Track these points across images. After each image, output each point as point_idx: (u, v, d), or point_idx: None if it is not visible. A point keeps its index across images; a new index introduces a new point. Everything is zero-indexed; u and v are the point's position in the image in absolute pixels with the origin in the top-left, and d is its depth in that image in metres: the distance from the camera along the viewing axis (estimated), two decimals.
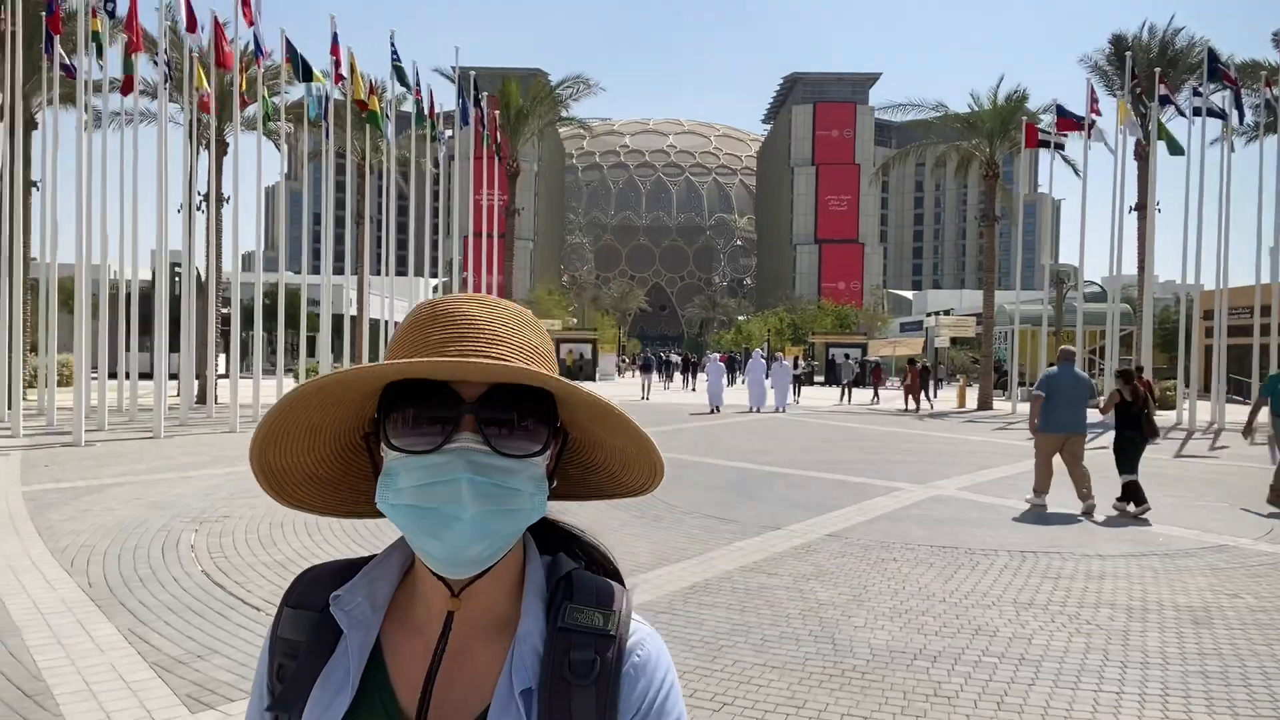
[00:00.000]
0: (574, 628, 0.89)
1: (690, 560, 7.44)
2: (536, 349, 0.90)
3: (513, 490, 0.85)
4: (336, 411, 0.93)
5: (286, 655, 0.95)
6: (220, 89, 23.88)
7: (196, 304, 23.76)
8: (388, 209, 26.67)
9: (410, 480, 0.85)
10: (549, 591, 0.93)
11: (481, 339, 0.86)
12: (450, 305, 0.90)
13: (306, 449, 0.95)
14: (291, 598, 0.98)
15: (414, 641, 0.92)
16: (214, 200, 25.68)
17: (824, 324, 61.91)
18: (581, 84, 31.30)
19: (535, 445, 0.87)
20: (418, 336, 0.88)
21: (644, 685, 0.90)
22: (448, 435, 0.84)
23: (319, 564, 1.02)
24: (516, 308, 0.93)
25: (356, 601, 0.93)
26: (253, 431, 0.91)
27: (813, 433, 20.00)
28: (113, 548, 7.74)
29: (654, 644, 0.93)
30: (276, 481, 0.96)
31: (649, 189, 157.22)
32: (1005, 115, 30.28)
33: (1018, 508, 10.18)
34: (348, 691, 0.89)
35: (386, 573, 0.96)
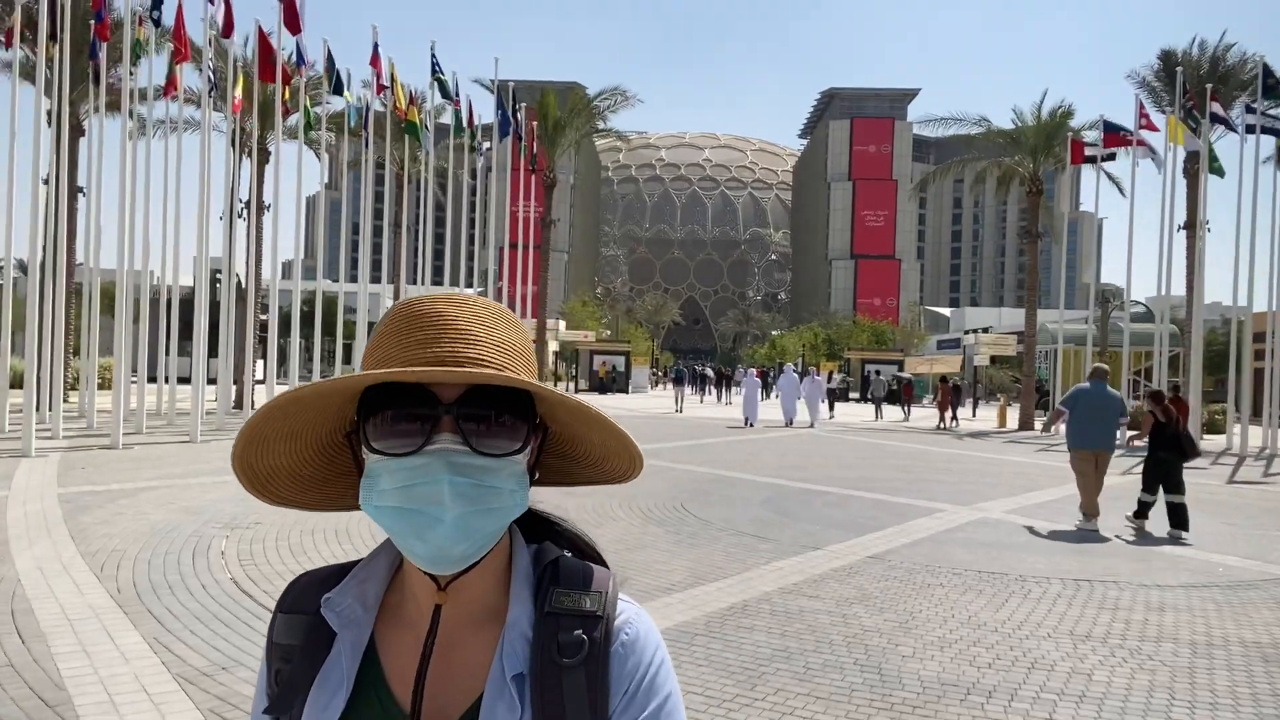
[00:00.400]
0: (561, 611, 0.90)
1: (728, 580, 7.21)
2: (514, 346, 0.91)
3: (493, 489, 0.86)
4: (317, 417, 0.93)
5: (283, 660, 0.96)
6: (263, 98, 24.17)
7: (236, 310, 24.02)
8: (425, 219, 26.84)
9: (392, 482, 0.86)
10: (536, 578, 0.94)
11: (459, 340, 0.87)
12: (426, 306, 0.90)
13: (288, 451, 0.96)
14: (284, 604, 0.99)
15: (405, 637, 0.93)
16: (255, 208, 25.95)
17: (860, 340, 61.26)
18: (619, 96, 31.28)
19: (515, 443, 0.88)
20: (395, 339, 0.89)
21: (634, 663, 0.90)
22: (427, 437, 0.85)
23: (311, 570, 1.03)
24: (494, 305, 0.93)
25: (347, 602, 0.94)
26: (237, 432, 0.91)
27: (849, 450, 19.63)
28: (143, 552, 7.67)
29: (642, 622, 0.94)
30: (260, 482, 0.96)
31: (684, 202, 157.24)
32: (1050, 131, 29.77)
33: (1068, 532, 9.81)
34: (343, 690, 0.90)
35: (375, 573, 0.97)
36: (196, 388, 17.39)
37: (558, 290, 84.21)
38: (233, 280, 23.40)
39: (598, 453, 1.00)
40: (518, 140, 27.88)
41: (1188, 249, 27.14)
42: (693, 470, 14.41)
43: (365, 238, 24.36)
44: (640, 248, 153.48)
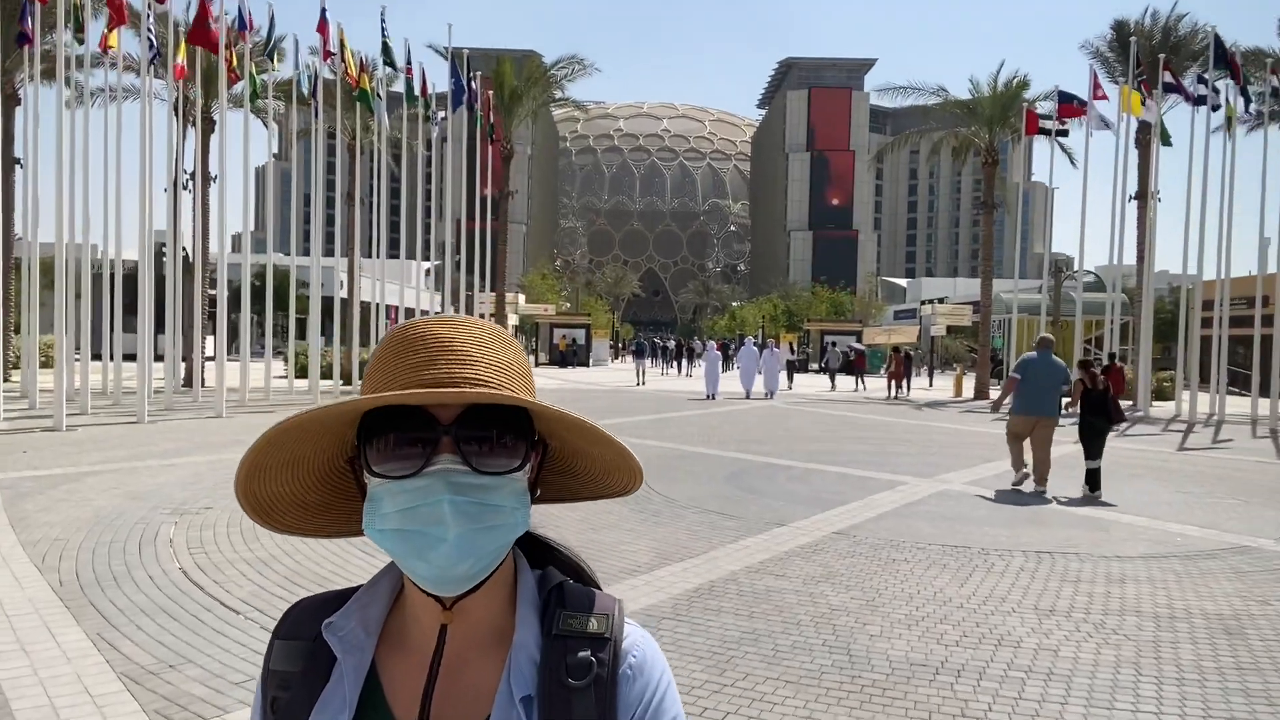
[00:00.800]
0: (569, 633, 0.90)
1: (693, 560, 7.12)
2: (511, 366, 0.91)
3: (495, 507, 0.86)
4: (317, 443, 0.93)
5: (280, 688, 0.94)
6: (207, 65, 23.32)
7: (183, 285, 23.31)
8: (379, 190, 26.18)
9: (394, 505, 0.86)
10: (542, 601, 0.94)
11: (455, 361, 0.87)
12: (422, 329, 0.90)
13: (290, 479, 0.96)
14: (282, 630, 0.98)
15: (409, 660, 0.92)
16: (201, 179, 25.13)
17: (819, 311, 61.62)
18: (576, 64, 30.74)
19: (514, 461, 0.88)
20: (393, 363, 0.89)
21: (641, 686, 0.90)
22: (427, 458, 0.85)
23: (307, 596, 1.02)
24: (490, 325, 0.93)
25: (350, 626, 0.93)
26: (239, 461, 0.91)
27: (810, 422, 19.70)
28: (87, 542, 7.38)
29: (649, 646, 0.94)
30: (264, 511, 0.97)
31: (643, 173, 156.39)
32: (1005, 101, 29.91)
33: (1027, 504, 9.90)
34: (345, 716, 0.88)
35: (377, 597, 0.97)
36: (143, 366, 16.85)
37: (516, 263, 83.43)
38: (179, 254, 22.71)
39: (598, 468, 1.01)
40: (472, 109, 27.27)
41: (1139, 218, 27.58)
42: (656, 446, 14.32)
43: (317, 210, 23.73)
44: (599, 219, 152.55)
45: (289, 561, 6.89)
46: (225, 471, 10.85)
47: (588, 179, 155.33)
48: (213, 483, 10.10)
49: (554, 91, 31.76)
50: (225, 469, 11.05)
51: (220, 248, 21.36)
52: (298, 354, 27.03)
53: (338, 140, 29.18)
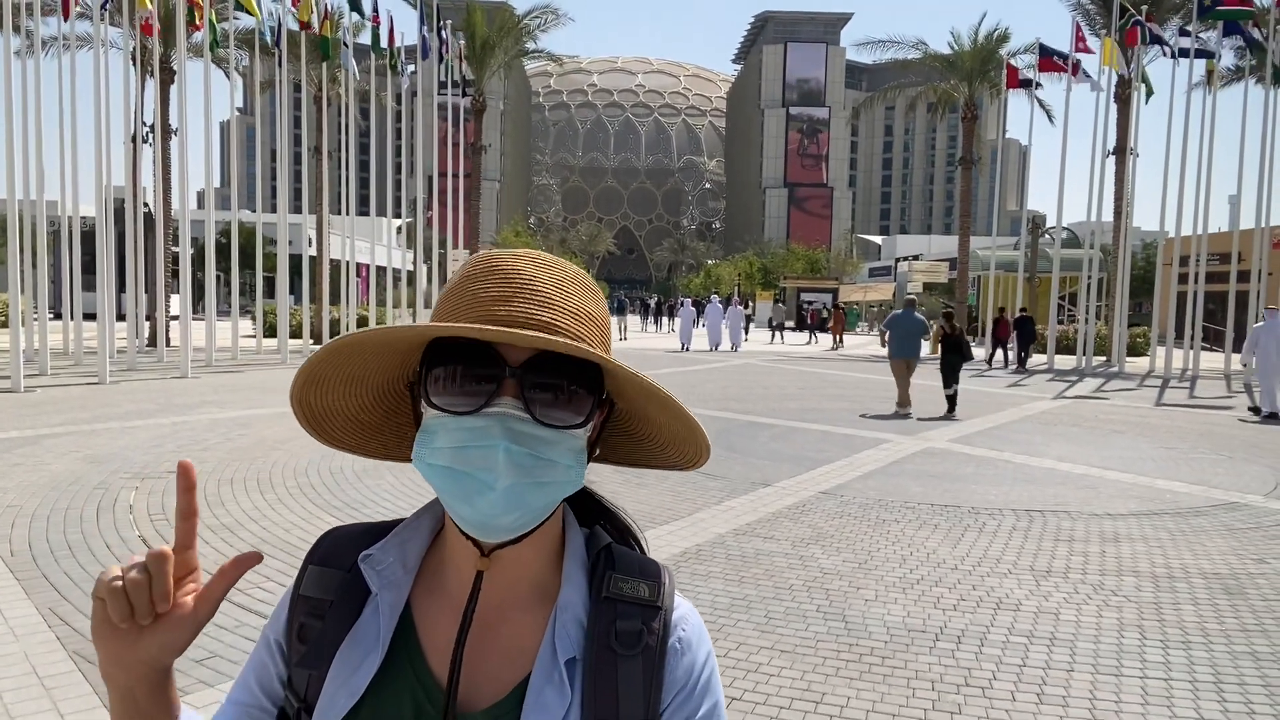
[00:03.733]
0: (620, 597, 0.87)
1: (679, 522, 6.90)
2: (591, 316, 0.87)
3: (550, 462, 0.81)
4: (377, 363, 0.89)
5: (310, 614, 0.90)
6: (165, 11, 22.38)
7: (145, 242, 22.59)
8: (348, 145, 25.41)
9: (448, 441, 0.82)
10: (590, 562, 0.90)
11: (533, 300, 0.83)
12: (505, 262, 0.86)
13: (346, 394, 0.92)
14: (316, 555, 0.94)
15: (444, 605, 0.89)
16: (160, 132, 24.27)
17: (795, 268, 61.41)
18: (549, 14, 29.89)
19: (578, 416, 0.83)
20: (467, 292, 0.85)
21: (688, 662, 0.87)
22: (489, 398, 0.81)
23: (344, 524, 0.98)
24: (574, 269, 0.89)
25: (389, 561, 0.90)
26: (295, 372, 0.86)
27: (787, 379, 19.54)
28: (42, 509, 7.01)
29: (696, 620, 0.91)
30: (317, 423, 0.93)
31: (617, 130, 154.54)
32: (985, 55, 29.59)
33: (1014, 460, 9.77)
34: (378, 653, 0.85)
35: (418, 533, 0.93)
36: (103, 325, 16.29)
37: (490, 220, 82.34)
38: (139, 209, 21.97)
39: (664, 436, 0.95)
40: (443, 59, 26.46)
41: (1116, 174, 27.43)
42: None
43: (284, 165, 22.99)
44: (573, 176, 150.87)
45: (254, 528, 6.59)
46: (189, 434, 10.47)
47: (561, 135, 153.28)
48: (176, 445, 9.74)
49: (527, 42, 30.92)
50: (190, 431, 10.67)
51: (182, 203, 20.65)
52: (266, 313, 26.39)
53: (304, 92, 28.26)
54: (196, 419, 11.67)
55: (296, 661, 0.90)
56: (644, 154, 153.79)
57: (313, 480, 8.16)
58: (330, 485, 7.99)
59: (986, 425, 12.57)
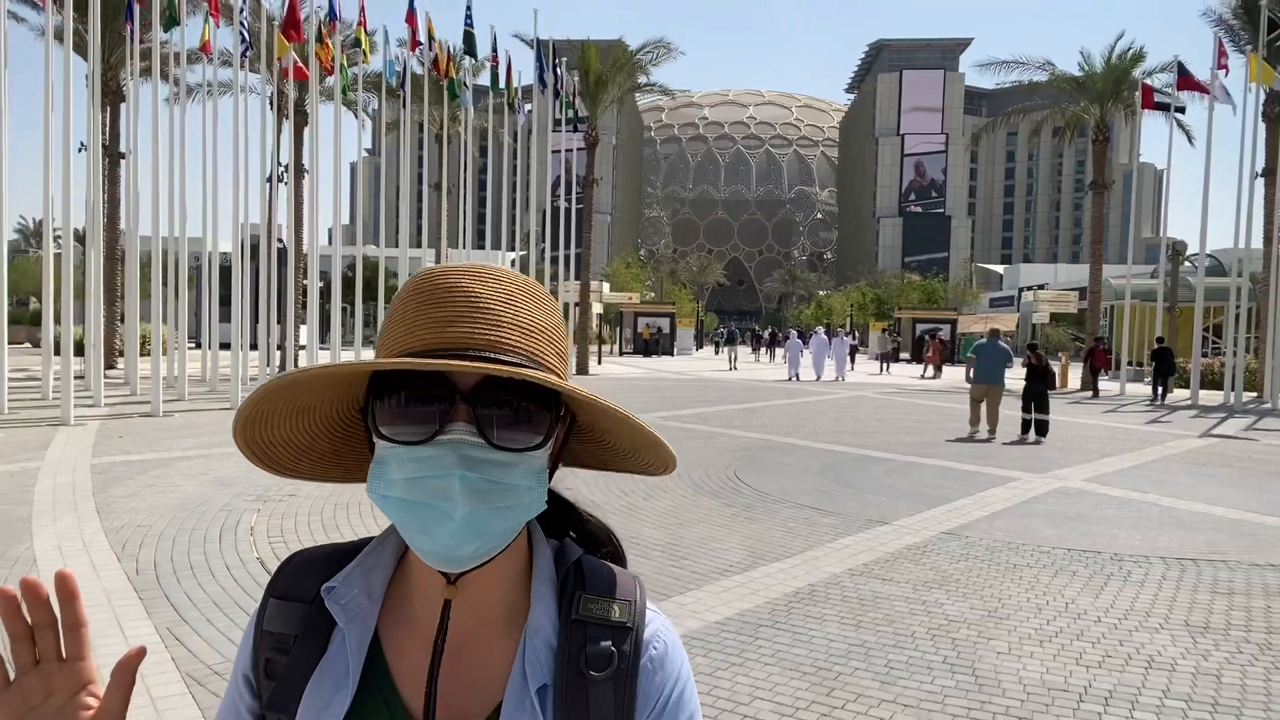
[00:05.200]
0: (589, 619, 0.85)
1: (790, 560, 6.59)
2: (544, 330, 0.83)
3: (509, 486, 0.79)
4: (323, 395, 0.86)
5: (275, 650, 0.88)
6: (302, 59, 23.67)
7: (278, 276, 23.78)
8: (466, 181, 26.22)
9: (401, 472, 0.78)
10: (559, 581, 0.88)
11: (480, 320, 0.79)
12: (449, 279, 0.82)
13: (295, 427, 0.88)
14: (277, 587, 0.91)
15: (413, 634, 0.86)
16: (295, 172, 25.62)
17: (910, 299, 59.72)
18: (662, 48, 30.17)
19: (535, 437, 0.81)
20: (412, 315, 0.81)
21: (661, 679, 0.86)
22: (441, 426, 0.78)
23: (306, 549, 0.94)
24: (522, 279, 0.85)
25: (352, 594, 0.87)
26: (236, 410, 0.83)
27: (901, 412, 18.81)
28: (169, 529, 7.28)
29: (670, 635, 0.89)
30: (267, 458, 0.89)
31: (728, 162, 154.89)
32: (1119, 75, 28.15)
33: (1159, 503, 9.01)
34: (348, 689, 0.83)
35: (382, 561, 0.89)
36: (237, 353, 17.13)
37: (601, 252, 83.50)
38: (273, 245, 23.16)
39: (627, 447, 0.92)
40: (558, 96, 27.06)
41: (1266, 197, 25.50)
42: (744, 436, 13.78)
43: (406, 201, 23.87)
44: (683, 209, 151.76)
45: None
46: None
47: (672, 168, 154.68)
48: None
49: (639, 77, 31.31)
50: None
51: (313, 239, 21.68)
52: None
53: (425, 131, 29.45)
54: None
55: (265, 703, 0.88)
56: (754, 185, 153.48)
57: None
58: None
59: (1126, 464, 11.69)
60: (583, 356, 30.35)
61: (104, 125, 22.15)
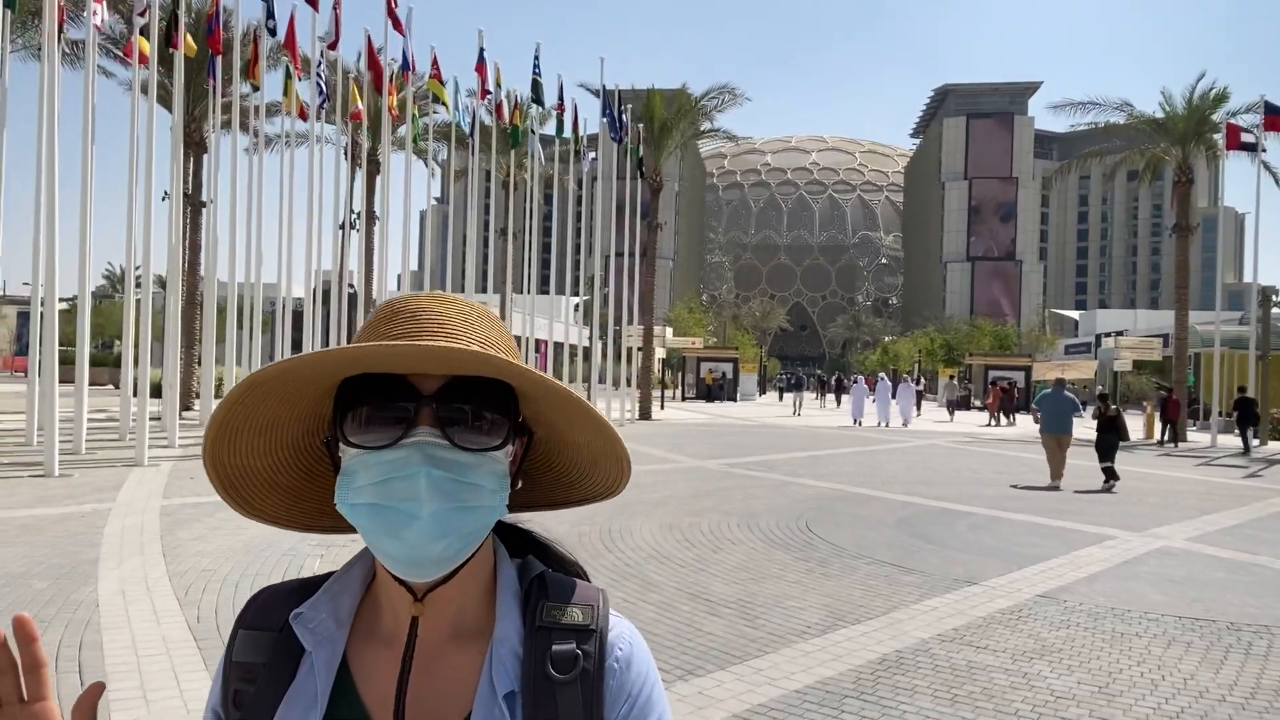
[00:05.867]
0: (554, 625, 0.87)
1: (873, 622, 6.16)
2: (495, 344, 0.87)
3: (473, 486, 0.82)
4: (292, 408, 0.89)
5: (243, 680, 0.89)
6: (373, 109, 24.30)
7: (350, 320, 24.18)
8: (532, 227, 26.45)
9: (369, 477, 0.81)
10: (523, 592, 0.90)
11: (439, 333, 0.84)
12: (410, 303, 0.88)
13: (263, 450, 0.92)
14: (246, 619, 0.93)
15: (382, 653, 0.88)
16: (366, 218, 26.17)
17: (981, 344, 58.26)
18: (726, 94, 30.21)
19: (495, 439, 0.85)
20: (373, 333, 0.87)
21: (629, 679, 0.87)
22: (406, 429, 0.82)
23: (274, 584, 0.97)
24: (477, 304, 0.91)
25: (320, 617, 0.89)
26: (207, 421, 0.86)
27: (978, 461, 18.06)
28: (233, 574, 7.19)
29: (634, 638, 0.91)
30: (234, 487, 0.92)
31: (790, 207, 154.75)
32: (1200, 115, 27.24)
33: (1273, 566, 8.32)
34: (316, 711, 0.85)
35: (349, 586, 0.92)
36: None
37: (664, 297, 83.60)
38: (345, 290, 23.59)
39: (585, 457, 0.95)
40: (623, 143, 27.24)
41: None
42: (813, 485, 13.32)
43: (474, 246, 24.19)
44: (745, 254, 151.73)
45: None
46: None
47: (734, 214, 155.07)
48: None
49: (703, 122, 31.39)
50: None
51: (382, 284, 22.00)
52: None
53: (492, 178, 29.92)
54: None
55: None
56: (818, 230, 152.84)
57: None
58: None
59: (1229, 522, 10.92)
60: (645, 401, 30.08)
61: (187, 175, 22.93)
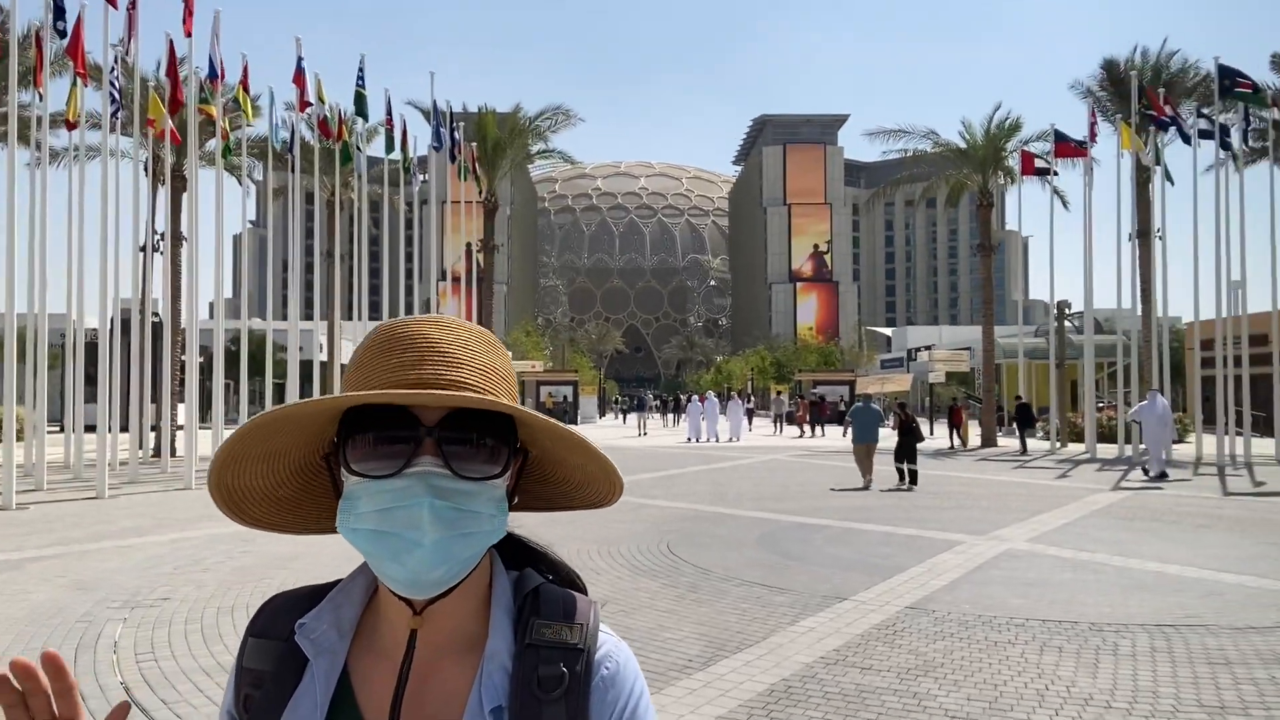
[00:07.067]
0: (541, 643, 0.88)
1: (755, 649, 5.87)
2: (497, 370, 0.90)
3: (473, 513, 0.85)
4: (297, 438, 0.91)
5: (252, 685, 0.92)
6: (180, 121, 22.37)
7: (153, 352, 22.00)
8: (360, 251, 25.10)
9: (371, 505, 0.84)
10: (516, 608, 0.92)
11: (441, 362, 0.86)
12: (410, 328, 0.89)
13: (266, 472, 0.94)
14: (256, 626, 0.96)
15: (380, 664, 0.91)
16: (170, 240, 23.99)
17: (808, 362, 60.76)
18: (561, 115, 30.05)
19: (496, 467, 0.87)
20: (377, 361, 0.88)
21: (614, 696, 0.89)
22: (408, 459, 0.83)
23: (285, 591, 0.99)
24: (477, 329, 0.92)
25: (322, 629, 0.91)
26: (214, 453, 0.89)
27: (819, 474, 18.48)
28: (14, 647, 6.04)
29: (622, 654, 0.92)
30: (234, 502, 0.94)
31: (622, 231, 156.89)
32: (999, 142, 29.49)
33: (1111, 563, 8.72)
34: (316, 718, 0.87)
35: (351, 597, 0.94)
36: (103, 437, 15.48)
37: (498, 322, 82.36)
38: (147, 318, 21.47)
39: (577, 477, 0.98)
40: (455, 161, 26.41)
41: (1140, 258, 26.70)
42: (669, 506, 13.07)
43: (295, 272, 22.62)
44: (579, 278, 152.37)
45: None
46: (189, 551, 9.50)
47: (567, 237, 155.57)
48: (173, 566, 8.76)
49: (538, 143, 31.06)
50: (189, 548, 9.70)
51: (192, 311, 20.13)
52: None
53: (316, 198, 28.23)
54: (197, 535, 10.71)
55: None
56: (649, 254, 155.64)
57: None
58: None
59: (1059, 521, 11.50)
60: None
61: None
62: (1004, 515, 12.06)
